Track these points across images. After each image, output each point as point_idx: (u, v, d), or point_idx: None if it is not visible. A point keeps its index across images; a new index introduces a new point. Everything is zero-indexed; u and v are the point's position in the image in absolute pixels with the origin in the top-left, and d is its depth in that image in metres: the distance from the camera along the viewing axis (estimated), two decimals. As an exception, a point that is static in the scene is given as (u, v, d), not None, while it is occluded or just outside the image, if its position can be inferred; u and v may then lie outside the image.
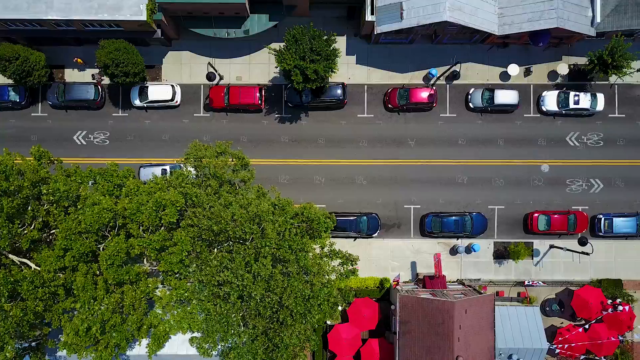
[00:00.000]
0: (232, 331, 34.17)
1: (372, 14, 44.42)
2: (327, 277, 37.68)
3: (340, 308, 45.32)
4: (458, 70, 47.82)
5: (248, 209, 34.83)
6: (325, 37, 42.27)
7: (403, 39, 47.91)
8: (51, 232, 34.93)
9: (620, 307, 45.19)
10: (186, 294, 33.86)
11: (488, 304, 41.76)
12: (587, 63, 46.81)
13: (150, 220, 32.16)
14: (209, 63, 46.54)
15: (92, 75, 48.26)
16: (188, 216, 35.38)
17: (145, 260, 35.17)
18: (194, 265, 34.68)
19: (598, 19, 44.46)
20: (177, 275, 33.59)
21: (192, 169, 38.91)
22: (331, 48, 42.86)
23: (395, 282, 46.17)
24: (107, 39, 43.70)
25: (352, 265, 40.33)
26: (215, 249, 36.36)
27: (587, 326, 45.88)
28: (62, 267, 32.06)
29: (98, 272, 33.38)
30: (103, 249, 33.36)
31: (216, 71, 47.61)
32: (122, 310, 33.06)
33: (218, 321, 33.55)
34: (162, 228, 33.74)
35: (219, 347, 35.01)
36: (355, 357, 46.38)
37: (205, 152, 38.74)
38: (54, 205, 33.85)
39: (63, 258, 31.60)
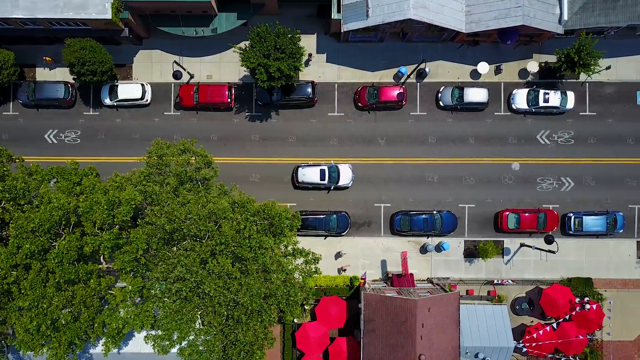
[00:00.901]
0: (188, 328, 34.19)
1: (338, 12, 44.37)
2: (288, 275, 37.66)
3: (307, 308, 45.64)
4: (424, 68, 47.69)
5: (206, 206, 34.86)
6: (290, 35, 42.20)
7: (372, 37, 47.86)
8: (7, 229, 35.09)
9: (588, 306, 45.05)
10: (142, 291, 33.89)
11: (453, 303, 41.69)
12: (556, 61, 46.66)
13: (103, 219, 32.21)
14: (174, 61, 46.57)
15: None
16: (147, 214, 35.47)
17: (102, 258, 35.24)
18: (153, 263, 34.72)
19: (565, 17, 44.31)
20: (132, 273, 33.63)
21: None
22: (296, 46, 42.80)
23: (362, 280, 46.17)
24: (73, 38, 43.76)
25: (314, 263, 40.36)
26: (175, 247, 36.45)
27: (555, 325, 45.76)
28: (15, 264, 32.13)
29: (52, 270, 33.46)
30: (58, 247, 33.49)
31: (185, 69, 47.64)
32: (72, 309, 33.14)
33: (173, 318, 33.60)
34: (117, 226, 33.78)
35: (177, 345, 34.99)
36: (324, 355, 46.50)
37: (167, 150, 38.79)
38: (11, 202, 33.94)
39: (15, 255, 31.69)
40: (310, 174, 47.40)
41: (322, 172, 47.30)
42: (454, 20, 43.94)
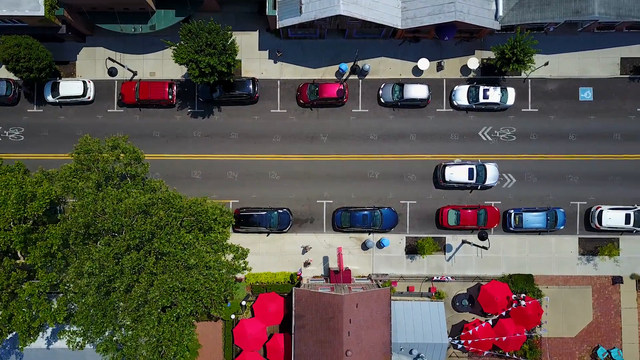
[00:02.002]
0: (104, 324, 34.33)
1: (274, 8, 44.39)
2: (211, 270, 37.73)
3: (245, 304, 45.75)
4: (360, 65, 47.60)
5: (123, 201, 34.98)
6: (220, 32, 42.23)
7: (312, 34, 47.88)
8: None
9: (524, 302, 44.99)
10: (59, 286, 34.05)
11: (383, 299, 41.73)
12: (493, 57, 46.60)
13: (12, 213, 32.36)
14: (108, 58, 46.70)
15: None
16: (68, 209, 35.68)
17: (19, 253, 35.42)
18: (70, 258, 34.88)
19: (501, 13, 44.23)
20: (46, 268, 33.79)
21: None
22: (229, 42, 42.87)
23: (298, 276, 46.23)
24: (9, 35, 43.92)
25: (243, 258, 40.49)
26: (98, 242, 36.61)
27: (490, 321, 45.72)
28: None
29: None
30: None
31: (124, 66, 47.76)
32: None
33: (87, 314, 33.74)
34: (30, 221, 33.95)
35: (90, 339, 35.17)
36: (264, 351, 46.61)
37: (94, 146, 38.96)
38: None
39: None
40: (458, 173, 46.79)
41: (471, 171, 46.76)
42: (389, 17, 43.91)
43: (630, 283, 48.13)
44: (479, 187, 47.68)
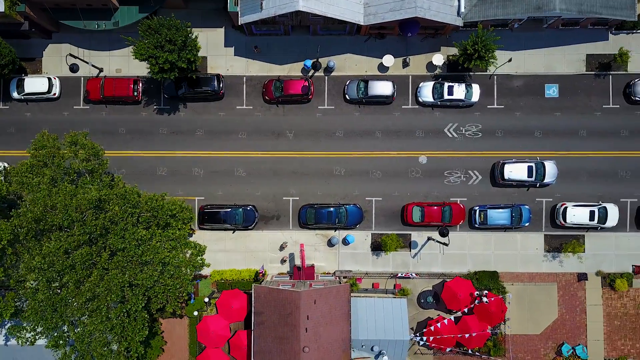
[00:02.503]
0: (55, 320, 34.31)
1: (235, 4, 44.32)
2: (167, 267, 37.72)
3: (207, 300, 45.76)
4: (320, 61, 47.51)
5: (75, 197, 34.96)
6: (181, 28, 42.16)
7: (277, 30, 47.80)
8: None
9: (485, 299, 44.95)
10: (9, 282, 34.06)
11: (342, 295, 41.69)
12: (456, 54, 46.56)
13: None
14: (69, 54, 46.64)
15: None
16: (22, 205, 35.67)
17: (-29, 249, 35.45)
18: (22, 254, 34.87)
19: (462, 9, 44.13)
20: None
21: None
22: (189, 38, 42.80)
23: (261, 273, 46.22)
24: (-29, 31, 43.95)
25: (200, 255, 40.50)
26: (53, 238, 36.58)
27: (453, 317, 45.66)
28: None
29: None
30: None
31: (87, 62, 47.69)
32: None
33: (37, 310, 33.73)
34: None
35: (41, 335, 35.16)
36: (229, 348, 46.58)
37: (47, 142, 38.97)
38: None
39: None
40: (517, 171, 46.56)
41: (530, 168, 46.54)
42: (351, 13, 43.83)
43: (595, 280, 48.06)
44: (537, 185, 47.41)
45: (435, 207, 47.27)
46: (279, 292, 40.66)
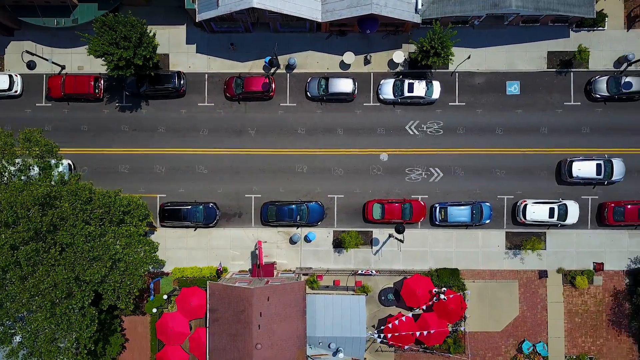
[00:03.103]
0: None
1: (192, 1, 44.27)
2: (119, 263, 37.71)
3: (166, 297, 45.76)
4: (276, 58, 47.46)
5: (22, 193, 34.94)
6: (137, 25, 42.09)
7: (237, 27, 47.72)
8: None
9: (442, 296, 44.94)
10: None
11: (297, 292, 41.65)
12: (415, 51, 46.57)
13: None
14: (25, 51, 46.58)
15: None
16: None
17: None
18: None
19: (420, 6, 44.08)
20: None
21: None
22: (146, 35, 42.74)
23: (219, 270, 46.16)
24: None
25: (153, 252, 40.49)
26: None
27: (410, 314, 45.64)
28: None
29: None
30: None
31: (47, 59, 47.57)
32: None
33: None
34: None
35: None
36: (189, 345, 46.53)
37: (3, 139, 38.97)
38: None
39: None
40: (585, 169, 46.10)
41: (599, 166, 46.09)
42: (308, 10, 43.81)
43: (556, 277, 48.06)
44: (605, 183, 47.16)
45: (396, 205, 47.24)
46: (232, 289, 40.63)
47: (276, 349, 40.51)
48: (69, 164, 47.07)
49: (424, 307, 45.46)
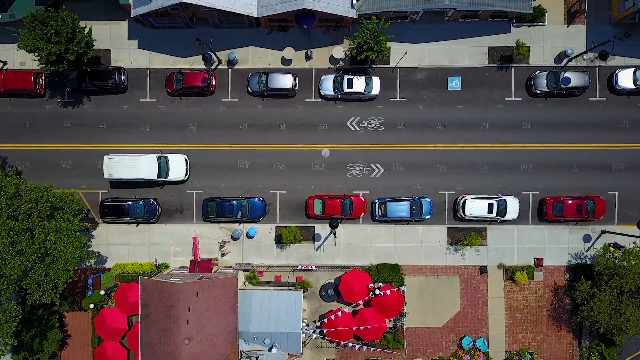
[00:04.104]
0: None
1: (128, -4, 44.24)
2: (47, 258, 37.65)
3: (90, 293, 45.67)
4: (211, 54, 47.36)
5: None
6: (68, 20, 42.00)
7: (177, 23, 47.62)
8: None
9: (378, 291, 44.94)
10: None
11: (228, 287, 41.61)
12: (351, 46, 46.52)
13: None
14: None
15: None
16: None
17: None
18: None
19: (355, 1, 44.05)
20: None
21: None
22: (79, 31, 42.65)
23: (156, 266, 46.12)
24: None
25: (81, 247, 40.46)
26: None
27: (347, 309, 45.63)
28: None
29: None
30: None
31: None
32: None
33: None
34: None
35: None
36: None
37: None
38: None
39: None
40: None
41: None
42: (243, 5, 43.75)
43: (497, 273, 48.07)
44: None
45: (336, 200, 47.21)
46: (162, 284, 40.59)
47: (206, 344, 40.47)
48: None
49: (361, 302, 45.43)
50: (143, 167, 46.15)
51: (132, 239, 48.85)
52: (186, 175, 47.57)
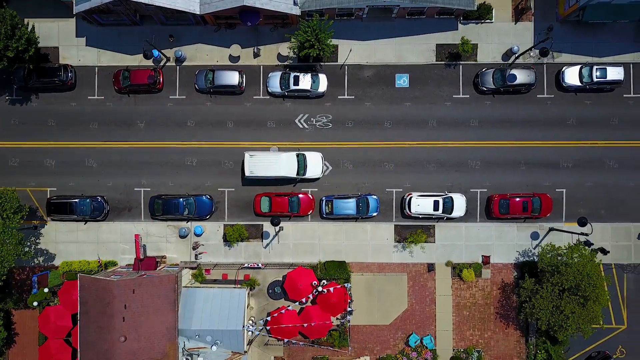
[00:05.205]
0: None
1: (70, -6, 44.13)
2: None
3: (34, 290, 45.55)
4: (152, 52, 47.19)
5: None
6: (7, 18, 41.86)
7: (123, 20, 47.47)
8: None
9: (321, 289, 44.84)
10: None
11: (166, 284, 41.48)
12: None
13: None
14: None
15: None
16: None
17: None
18: None
19: (297, -2, 44.02)
20: None
21: None
22: (20, 28, 42.51)
23: (99, 264, 45.99)
24: None
25: (21, 246, 40.35)
26: None
27: (290, 307, 45.52)
28: None
29: None
30: None
31: None
32: None
33: None
34: None
35: None
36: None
37: None
38: None
39: None
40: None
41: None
42: (184, 2, 43.70)
43: (445, 270, 47.99)
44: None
45: (283, 198, 47.10)
46: (99, 281, 40.45)
47: (144, 341, 40.34)
48: None
49: (304, 299, 45.34)
50: (284, 164, 46.06)
51: (80, 237, 48.69)
52: (322, 173, 47.21)
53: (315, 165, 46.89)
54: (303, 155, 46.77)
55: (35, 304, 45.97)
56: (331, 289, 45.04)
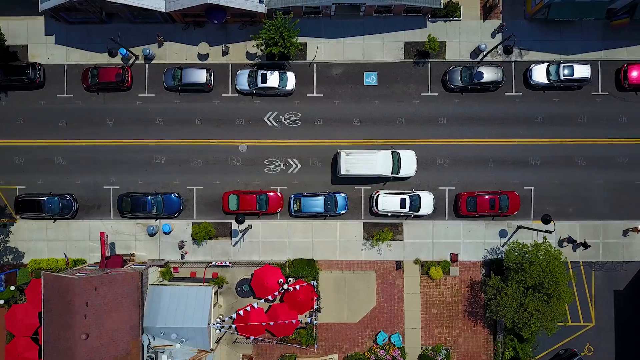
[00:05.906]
0: None
1: (34, -10, 44.08)
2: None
3: (2, 288, 45.46)
4: (116, 50, 47.21)
5: None
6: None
7: (91, 18, 47.43)
8: None
9: (286, 286, 44.83)
10: None
11: (130, 282, 41.44)
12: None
13: None
14: None
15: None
16: None
17: None
18: None
19: (262, -4, 43.99)
20: None
21: None
22: (-18, 25, 42.57)
23: (66, 262, 45.97)
24: None
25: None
26: None
27: (256, 305, 45.50)
28: None
29: None
30: None
31: None
32: None
33: None
34: None
35: None
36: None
37: None
38: None
39: None
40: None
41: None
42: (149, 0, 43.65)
43: (413, 268, 48.00)
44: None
45: (250, 196, 47.10)
46: (61, 279, 40.43)
47: (106, 339, 40.31)
48: None
49: (271, 297, 45.34)
50: (380, 163, 45.70)
51: (49, 235, 48.67)
52: (415, 171, 46.75)
53: (409, 164, 46.26)
54: (397, 154, 46.19)
55: (1, 302, 45.91)
56: (297, 286, 45.02)
